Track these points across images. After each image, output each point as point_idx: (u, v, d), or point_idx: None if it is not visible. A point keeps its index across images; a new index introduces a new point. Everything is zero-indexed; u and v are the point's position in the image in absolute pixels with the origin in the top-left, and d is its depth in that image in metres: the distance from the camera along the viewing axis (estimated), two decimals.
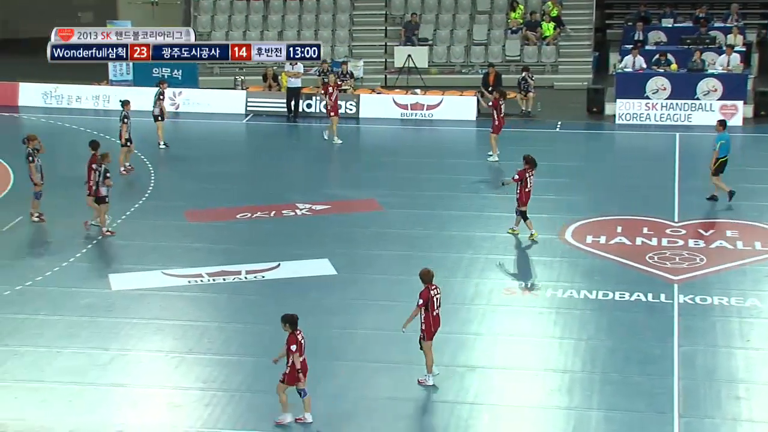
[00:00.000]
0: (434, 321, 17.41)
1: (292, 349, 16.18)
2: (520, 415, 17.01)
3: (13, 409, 17.00)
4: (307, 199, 26.57)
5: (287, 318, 16.36)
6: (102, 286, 21.57)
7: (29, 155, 24.68)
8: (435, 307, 17.39)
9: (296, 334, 16.34)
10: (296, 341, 16.26)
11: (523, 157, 23.97)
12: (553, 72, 39.03)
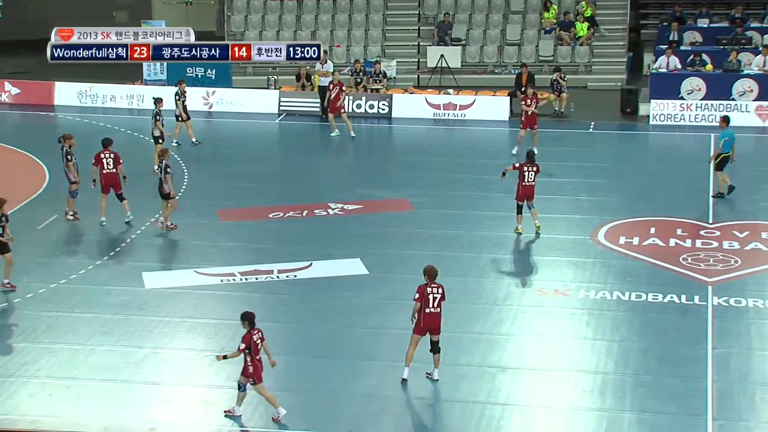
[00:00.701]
0: (425, 318, 17.36)
1: (241, 347, 16.38)
2: (552, 416, 16.97)
3: (48, 405, 17.15)
4: (339, 199, 26.62)
5: (246, 316, 16.55)
6: (135, 284, 21.70)
7: (67, 154, 24.85)
8: (429, 304, 17.30)
9: (252, 333, 16.49)
10: (249, 340, 16.41)
11: (527, 153, 24.41)
12: (587, 72, 38.87)
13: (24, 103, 36.02)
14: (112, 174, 24.58)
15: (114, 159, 24.62)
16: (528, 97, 30.44)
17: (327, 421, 16.61)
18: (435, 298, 17.33)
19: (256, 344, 16.51)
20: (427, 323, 17.38)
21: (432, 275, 17.49)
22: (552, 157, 30.38)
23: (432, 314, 17.35)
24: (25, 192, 26.95)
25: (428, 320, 17.37)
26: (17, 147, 31.04)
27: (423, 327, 17.39)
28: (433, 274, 17.50)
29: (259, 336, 16.57)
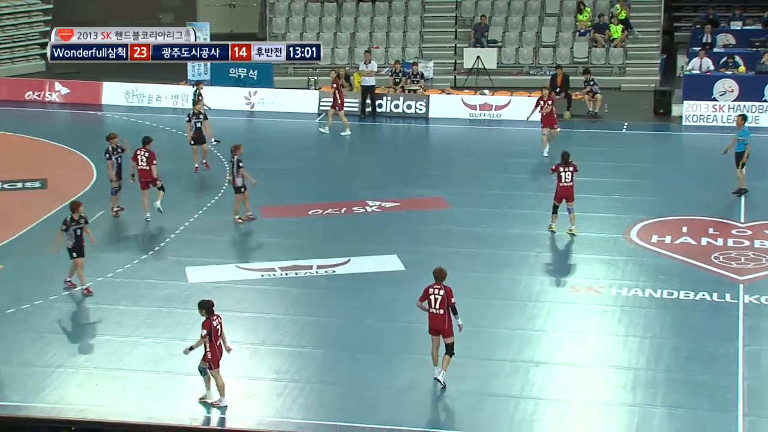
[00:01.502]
0: (430, 318, 17.21)
1: (202, 334, 16.55)
2: (585, 410, 16.91)
3: (94, 395, 17.30)
4: (377, 197, 26.63)
5: (203, 304, 16.77)
6: (179, 278, 21.83)
7: (107, 152, 24.98)
8: (432, 305, 17.14)
9: (212, 320, 16.66)
10: (209, 326, 16.58)
11: (562, 153, 24.04)
12: (621, 74, 38.64)
13: (73, 102, 36.31)
14: (146, 171, 24.71)
15: (148, 157, 24.72)
16: (543, 97, 30.45)
17: (364, 413, 16.64)
18: (436, 300, 17.10)
19: (216, 330, 16.71)
20: (432, 324, 17.21)
21: (438, 276, 17.28)
22: (586, 157, 30.14)
23: (435, 315, 17.13)
24: (73, 189, 27.18)
25: (432, 321, 17.19)
26: (66, 145, 31.30)
27: (431, 327, 17.26)
28: (439, 275, 17.29)
29: (219, 322, 16.76)
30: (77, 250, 20.86)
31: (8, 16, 40.26)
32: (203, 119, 28.00)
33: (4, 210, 26.00)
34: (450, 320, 17.11)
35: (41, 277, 21.78)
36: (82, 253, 20.92)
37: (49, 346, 18.89)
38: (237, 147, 24.63)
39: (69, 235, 20.73)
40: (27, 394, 17.26)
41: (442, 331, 17.16)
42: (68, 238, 20.74)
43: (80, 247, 20.88)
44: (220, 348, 16.83)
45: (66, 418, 16.37)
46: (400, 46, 39.78)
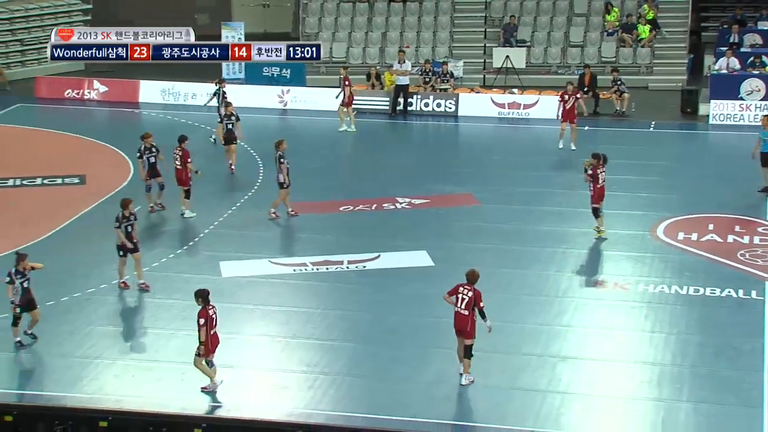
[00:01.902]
0: (454, 316, 17.11)
1: (200, 323, 16.63)
2: (611, 405, 16.85)
3: (131, 386, 17.42)
4: (407, 193, 26.62)
5: (199, 293, 16.87)
6: (213, 272, 21.92)
7: (139, 151, 24.94)
8: (457, 303, 17.02)
9: (207, 309, 16.77)
10: (206, 315, 16.69)
11: (593, 154, 23.56)
12: (648, 73, 38.40)
13: (111, 100, 36.52)
14: (178, 170, 24.75)
15: (181, 156, 24.75)
16: (567, 92, 30.49)
17: (393, 406, 16.65)
18: (463, 300, 16.99)
19: (212, 318, 16.85)
20: (455, 323, 17.13)
21: (470, 279, 17.16)
22: (613, 155, 29.87)
23: (458, 314, 17.04)
24: (111, 185, 27.36)
25: (456, 319, 17.10)
26: (104, 142, 31.49)
27: (455, 326, 17.19)
28: (471, 277, 17.16)
29: (214, 311, 16.90)
30: (126, 247, 20.74)
31: (49, 16, 40.54)
32: (235, 120, 27.95)
33: (44, 205, 26.19)
34: (473, 322, 17.00)
35: (80, 271, 21.94)
36: (131, 249, 20.82)
37: (87, 337, 19.03)
38: (280, 142, 24.61)
39: (121, 231, 20.60)
40: (65, 384, 17.40)
41: (464, 332, 17.07)
42: (121, 235, 20.61)
43: (131, 243, 20.77)
44: (215, 337, 16.96)
45: (103, 408, 16.48)
46: (431, 46, 39.72)
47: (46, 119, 34.48)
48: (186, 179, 24.75)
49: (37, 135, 32.80)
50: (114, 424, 15.95)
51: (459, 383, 17.14)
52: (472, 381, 17.12)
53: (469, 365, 17.12)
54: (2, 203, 26.50)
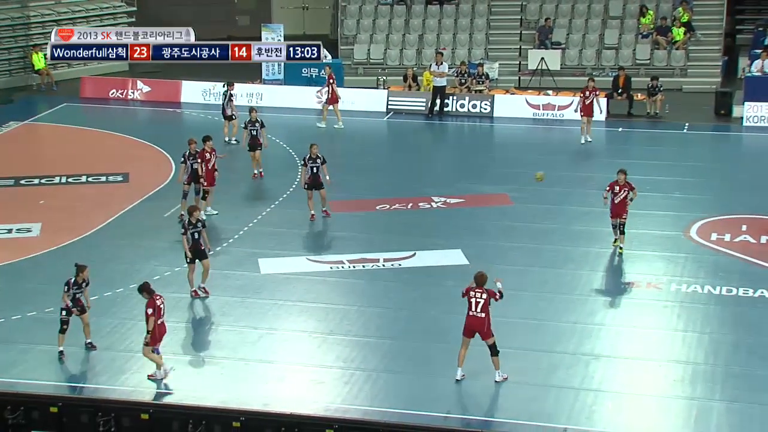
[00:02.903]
0: (469, 320, 17.00)
1: (149, 313, 16.88)
2: (643, 403, 16.72)
3: (171, 379, 17.49)
4: (443, 193, 26.57)
5: (143, 287, 17.23)
6: (252, 269, 21.99)
7: (183, 156, 24.60)
8: (471, 308, 16.94)
9: (155, 299, 17.01)
10: (154, 305, 16.96)
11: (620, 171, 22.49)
12: (682, 75, 38.08)
13: (154, 100, 36.73)
14: (207, 170, 24.67)
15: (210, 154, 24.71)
16: (588, 88, 31.01)
17: (428, 402, 16.62)
18: (477, 303, 16.91)
19: (159, 308, 17.08)
20: (470, 326, 17.00)
21: (478, 281, 17.09)
22: (647, 156, 29.91)
23: (475, 318, 16.94)
24: (154, 183, 27.53)
25: (471, 323, 16.98)
26: (147, 141, 31.68)
27: (467, 329, 17.05)
28: (479, 280, 17.10)
29: (162, 301, 17.14)
30: (195, 254, 20.41)
31: (95, 18, 40.85)
32: (260, 127, 27.77)
33: (88, 202, 26.39)
34: (489, 323, 16.93)
35: (122, 267, 22.09)
36: (199, 255, 20.49)
37: (130, 332, 19.14)
38: (314, 145, 24.53)
39: (187, 238, 20.32)
40: (108, 377, 17.53)
41: (482, 333, 16.97)
42: (186, 242, 20.33)
43: (198, 251, 20.43)
44: (162, 327, 17.21)
45: (145, 401, 16.58)
46: (467, 48, 39.62)
47: (91, 118, 34.74)
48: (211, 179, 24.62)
49: (82, 134, 33.07)
50: (155, 417, 16.04)
51: (496, 381, 17.05)
52: (506, 378, 17.04)
53: (498, 362, 17.04)
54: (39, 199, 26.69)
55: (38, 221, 24.77)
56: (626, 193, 22.21)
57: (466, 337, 17.13)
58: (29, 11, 39.57)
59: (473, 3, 40.93)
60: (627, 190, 22.25)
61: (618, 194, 22.22)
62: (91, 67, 38.74)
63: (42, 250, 22.97)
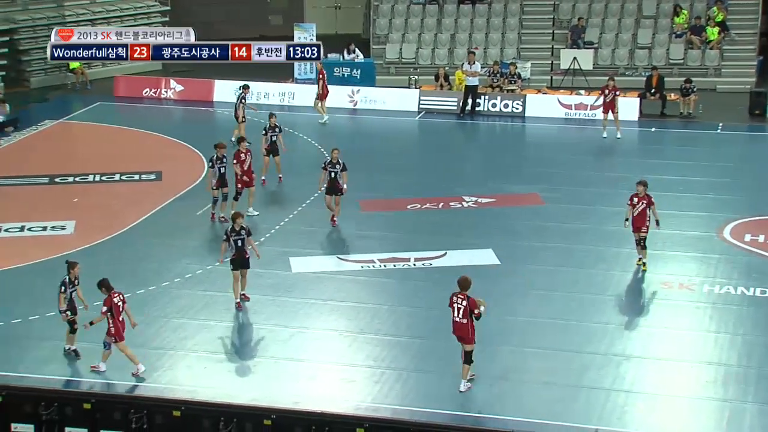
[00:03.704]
0: (453, 325, 16.90)
1: (103, 310, 17.16)
2: (675, 404, 16.63)
3: (204, 376, 17.60)
4: (474, 192, 26.53)
5: (102, 283, 17.40)
6: (284, 268, 22.05)
7: (211, 160, 24.45)
8: (454, 314, 16.85)
9: (112, 296, 17.18)
10: (110, 303, 17.15)
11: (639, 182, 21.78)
12: (716, 75, 37.80)
13: (187, 99, 36.93)
14: (245, 171, 24.78)
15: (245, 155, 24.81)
16: (608, 87, 31.29)
17: (459, 401, 16.61)
18: (459, 309, 16.81)
19: (118, 306, 17.23)
20: (454, 331, 16.92)
21: (462, 286, 16.95)
22: (680, 157, 29.73)
23: (457, 323, 16.84)
24: (186, 182, 27.67)
25: (454, 328, 16.90)
26: (180, 140, 31.84)
27: (454, 334, 16.98)
28: (463, 284, 16.95)
29: (120, 299, 17.29)
30: (236, 262, 20.10)
31: (129, 17, 41.13)
32: (278, 132, 27.75)
33: (121, 201, 26.57)
34: (472, 329, 16.80)
35: (155, 265, 22.22)
36: (242, 264, 20.14)
37: (162, 329, 19.27)
38: (335, 150, 24.46)
39: (230, 245, 20.07)
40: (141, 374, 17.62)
41: (462, 338, 16.89)
42: (229, 249, 20.09)
43: (242, 259, 20.13)
44: (123, 323, 17.38)
45: (177, 398, 16.67)
46: (499, 47, 39.53)
47: (125, 117, 34.97)
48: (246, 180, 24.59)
49: (116, 132, 33.30)
50: (187, 414, 16.12)
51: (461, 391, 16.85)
52: (470, 387, 16.90)
53: (468, 371, 16.88)
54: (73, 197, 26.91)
55: (72, 219, 24.98)
56: (644, 206, 21.34)
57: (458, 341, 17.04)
58: (64, 11, 39.89)
59: (506, 2, 40.85)
60: (645, 202, 21.39)
61: (637, 206, 21.44)
62: (125, 66, 38.98)
63: (76, 248, 23.15)
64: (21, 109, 35.03)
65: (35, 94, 38.17)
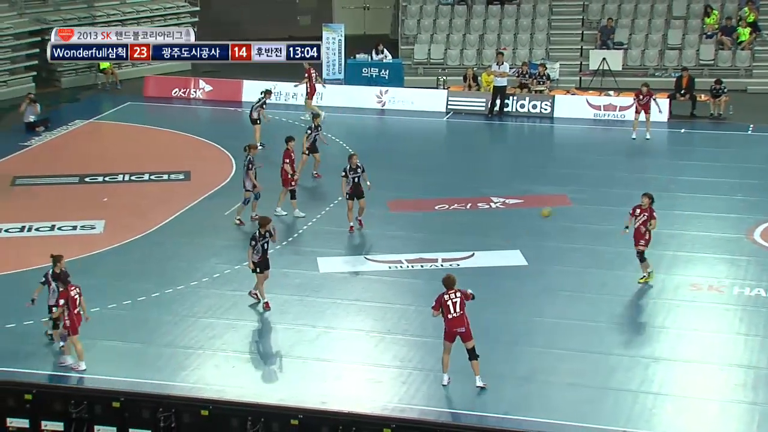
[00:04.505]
0: (449, 323, 16.82)
1: (60, 303, 17.33)
2: (704, 407, 16.52)
3: (231, 376, 17.68)
4: (502, 193, 26.48)
5: (56, 276, 17.69)
6: (311, 268, 22.10)
7: (249, 162, 24.38)
8: (450, 310, 16.78)
9: (69, 290, 17.36)
10: (67, 296, 17.35)
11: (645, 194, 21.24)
12: (747, 76, 37.52)
13: (215, 99, 37.06)
14: (284, 171, 24.90)
15: (283, 155, 24.91)
16: (642, 92, 31.05)
17: (486, 402, 16.58)
18: (455, 303, 16.79)
19: (75, 299, 17.39)
20: (452, 328, 16.84)
21: (448, 284, 16.96)
22: (710, 158, 29.53)
23: (455, 318, 16.79)
24: (214, 182, 27.78)
25: (453, 324, 16.82)
26: (209, 140, 31.97)
27: (449, 332, 16.90)
28: (448, 283, 16.96)
29: (77, 292, 17.43)
30: (262, 265, 20.24)
31: (159, 18, 41.32)
32: (320, 131, 28.05)
33: (150, 200, 26.71)
34: (469, 322, 16.82)
35: (183, 264, 22.33)
36: (266, 266, 20.32)
37: (190, 328, 19.36)
38: (352, 156, 24.41)
39: (255, 250, 20.12)
40: (169, 373, 17.73)
41: (463, 335, 16.83)
42: (254, 253, 20.14)
43: (265, 261, 20.30)
44: (79, 316, 17.51)
45: (205, 397, 16.74)
46: (528, 48, 39.42)
47: (154, 117, 35.15)
48: (287, 179, 24.80)
49: (145, 132, 33.49)
50: (215, 413, 16.19)
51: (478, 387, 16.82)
52: (486, 385, 16.86)
53: (478, 366, 16.89)
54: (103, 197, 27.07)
55: (102, 218, 25.14)
56: (645, 218, 20.90)
57: (448, 342, 16.97)
58: (95, 11, 40.15)
59: (534, 3, 40.72)
60: (647, 215, 20.94)
61: (638, 217, 20.97)
62: (154, 66, 39.20)
63: (105, 247, 23.32)
64: (52, 109, 35.29)
65: (66, 94, 38.45)
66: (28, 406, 16.64)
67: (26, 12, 39.16)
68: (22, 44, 37.19)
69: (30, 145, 31.56)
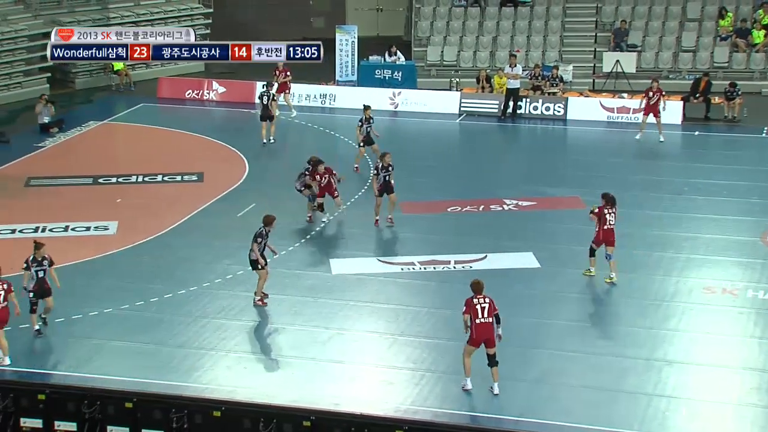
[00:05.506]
0: (477, 328, 16.72)
1: None
2: (718, 410, 16.45)
3: (243, 377, 17.68)
4: (514, 195, 26.43)
5: None
6: (324, 269, 22.10)
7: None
8: (478, 315, 16.68)
9: None
10: None
11: (602, 195, 21.54)
12: (762, 78, 37.37)
13: (228, 100, 37.10)
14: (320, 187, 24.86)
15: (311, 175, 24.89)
16: (652, 89, 31.04)
17: (498, 404, 16.55)
18: (483, 308, 16.70)
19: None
20: (480, 334, 16.73)
21: (477, 289, 16.89)
22: (724, 161, 29.43)
23: (483, 324, 16.70)
24: (227, 183, 27.81)
25: (480, 330, 16.72)
26: (222, 141, 32.01)
27: (476, 338, 16.79)
28: (478, 288, 16.89)
29: (4, 288, 17.67)
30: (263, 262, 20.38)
31: (172, 20, 41.41)
32: (372, 123, 28.30)
33: (163, 201, 26.75)
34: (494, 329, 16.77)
35: (196, 265, 22.35)
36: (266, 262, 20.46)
37: (202, 329, 19.38)
38: (384, 155, 24.41)
39: (260, 247, 20.27)
40: (182, 374, 17.75)
41: (488, 341, 16.75)
42: (259, 250, 20.28)
43: (265, 259, 20.42)
44: (7, 311, 17.69)
45: (217, 398, 16.75)
46: (541, 50, 39.37)
47: (168, 118, 35.22)
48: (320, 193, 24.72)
49: (158, 134, 33.55)
50: (227, 414, 16.20)
51: (493, 393, 16.79)
52: None
53: (497, 373, 16.81)
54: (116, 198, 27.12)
55: (115, 219, 25.19)
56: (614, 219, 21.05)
57: (472, 346, 16.87)
58: (109, 12, 40.26)
59: (548, 5, 40.67)
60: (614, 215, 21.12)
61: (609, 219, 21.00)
62: (168, 67, 39.30)
63: (118, 248, 23.37)
64: (66, 111, 35.40)
65: (80, 95, 38.58)
66: (41, 406, 16.70)
67: (41, 13, 39.32)
68: (36, 45, 37.29)
69: (44, 146, 31.66)
